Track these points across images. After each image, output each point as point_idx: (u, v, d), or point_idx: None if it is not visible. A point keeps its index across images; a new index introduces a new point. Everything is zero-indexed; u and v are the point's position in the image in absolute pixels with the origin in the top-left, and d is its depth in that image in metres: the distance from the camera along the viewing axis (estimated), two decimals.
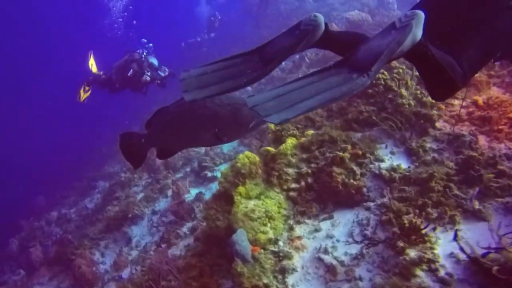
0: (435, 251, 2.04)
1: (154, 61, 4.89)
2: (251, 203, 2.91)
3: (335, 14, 11.42)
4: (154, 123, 2.44)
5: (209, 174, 5.17)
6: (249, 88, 7.00)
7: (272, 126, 3.45)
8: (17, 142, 14.70)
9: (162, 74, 4.94)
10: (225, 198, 3.09)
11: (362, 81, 1.11)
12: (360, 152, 3.04)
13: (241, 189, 2.96)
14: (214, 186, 4.93)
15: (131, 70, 4.69)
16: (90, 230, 5.69)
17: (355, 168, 2.95)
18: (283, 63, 9.81)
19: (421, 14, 1.15)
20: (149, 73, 4.72)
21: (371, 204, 2.72)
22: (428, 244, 2.05)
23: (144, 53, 4.88)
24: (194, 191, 5.01)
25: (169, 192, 5.46)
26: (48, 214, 8.55)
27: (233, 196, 2.96)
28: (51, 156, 12.84)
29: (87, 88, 5.13)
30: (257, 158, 3.15)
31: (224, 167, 5.27)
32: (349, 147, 3.06)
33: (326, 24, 1.27)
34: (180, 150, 2.75)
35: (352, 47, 1.20)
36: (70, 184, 10.27)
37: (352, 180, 2.89)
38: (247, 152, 3.16)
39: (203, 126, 2.11)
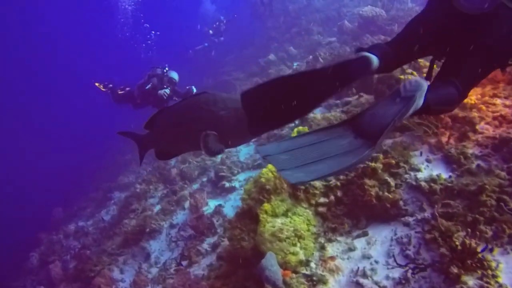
0: (500, 280, 1.79)
1: (175, 75, 4.78)
2: (278, 222, 2.71)
3: (345, 11, 11.12)
4: (155, 124, 2.38)
5: (227, 185, 4.99)
6: None
7: (295, 135, 3.24)
8: (34, 154, 14.90)
9: (180, 90, 4.83)
10: (249, 216, 2.90)
11: (369, 154, 1.18)
12: (393, 161, 2.80)
13: (266, 206, 2.77)
14: (233, 197, 4.75)
15: (150, 84, 4.60)
16: (108, 245, 5.59)
17: (389, 179, 2.72)
18: (294, 65, 9.59)
19: (424, 86, 1.23)
20: (168, 88, 4.61)
21: (410, 219, 2.48)
22: (489, 271, 1.80)
23: (166, 68, 4.79)
24: (212, 203, 4.84)
25: (186, 204, 5.31)
26: (66, 226, 8.56)
27: (258, 214, 2.77)
28: (67, 167, 12.95)
29: (102, 88, 5.20)
30: None
31: (242, 177, 5.11)
32: (380, 156, 2.83)
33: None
34: (180, 153, 2.61)
35: None
36: (87, 196, 10.31)
37: (386, 193, 2.65)
38: (270, 166, 2.97)
39: (204, 129, 2.00)
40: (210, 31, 12.98)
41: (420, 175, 2.66)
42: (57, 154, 14.79)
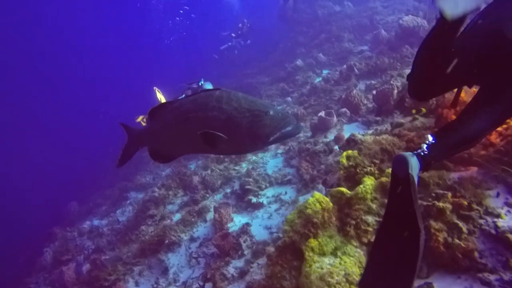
0: None
1: (209, 86, 4.55)
2: (326, 262, 2.36)
3: (378, 19, 10.65)
4: (155, 118, 2.16)
5: (254, 200, 4.66)
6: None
7: (344, 161, 2.88)
8: (50, 147, 14.99)
9: None
10: (291, 251, 2.56)
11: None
12: (465, 202, 2.41)
13: (313, 242, 2.42)
14: (260, 215, 4.42)
15: (183, 96, 4.41)
16: (123, 252, 5.36)
17: (460, 223, 2.32)
18: (324, 72, 9.19)
19: (408, 158, 1.39)
20: None
21: (492, 277, 2.08)
22: None
23: (201, 81, 4.59)
24: (237, 219, 4.52)
25: (208, 216, 5.02)
26: (80, 223, 8.45)
27: (303, 250, 2.43)
28: (83, 163, 12.94)
29: (144, 121, 5.12)
30: (331, 204, 2.60)
31: (270, 192, 4.76)
32: (449, 194, 2.43)
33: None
34: (179, 155, 2.34)
35: None
36: (102, 192, 10.20)
37: (457, 240, 2.26)
38: (317, 195, 2.62)
39: (212, 130, 1.82)
40: (233, 34, 12.76)
41: (501, 222, 2.25)
42: (74, 148, 14.85)
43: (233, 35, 12.64)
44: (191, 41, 18.24)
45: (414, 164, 1.36)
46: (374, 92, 4.94)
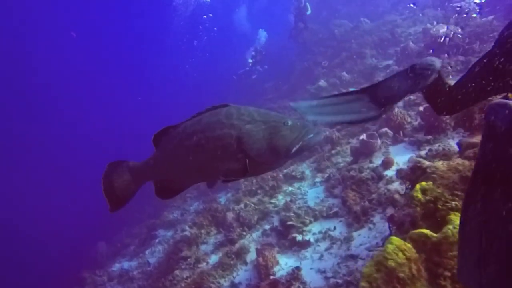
0: None
1: None
2: None
3: (399, 31, 10.33)
4: (158, 147, 1.95)
5: (299, 237, 4.19)
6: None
7: (419, 195, 2.42)
8: (76, 187, 15.09)
9: None
10: None
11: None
12: None
13: None
14: (309, 255, 3.93)
15: None
16: None
17: None
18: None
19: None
20: None
21: None
22: None
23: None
24: (283, 261, 4.04)
25: (249, 257, 4.57)
26: (110, 266, 8.14)
27: None
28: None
29: None
30: (414, 251, 2.13)
31: (316, 228, 4.29)
32: None
33: (440, 71, 1.38)
34: (187, 186, 2.07)
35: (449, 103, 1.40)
36: (129, 230, 9.96)
37: None
38: (396, 240, 2.16)
39: (226, 150, 1.67)
40: (250, 60, 12.77)
41: None
42: (96, 186, 14.87)
43: (250, 61, 12.65)
44: (210, 62, 18.57)
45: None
46: (421, 108, 4.50)
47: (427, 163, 2.81)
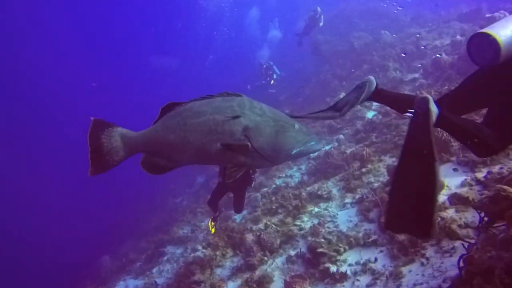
0: None
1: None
2: None
3: (424, 43, 9.90)
4: (159, 121, 1.92)
5: (333, 269, 3.64)
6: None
7: None
8: (81, 198, 14.69)
9: None
10: None
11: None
12: None
13: None
14: None
15: None
16: None
17: None
18: (375, 105, 8.32)
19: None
20: None
21: None
22: None
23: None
24: None
25: (272, 287, 4.02)
26: (113, 284, 7.61)
27: None
28: (115, 214, 12.43)
29: (212, 223, 4.83)
30: None
31: (353, 258, 3.74)
32: None
33: (377, 84, 1.89)
34: (184, 164, 2.00)
35: (396, 102, 1.87)
36: (136, 244, 9.48)
37: None
38: None
39: (232, 136, 1.71)
40: (272, 81, 12.28)
41: None
42: (101, 196, 14.49)
43: (272, 82, 12.22)
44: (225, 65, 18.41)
45: (433, 107, 1.51)
46: None
47: (510, 189, 2.29)
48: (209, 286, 4.63)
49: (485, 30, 1.47)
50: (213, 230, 4.87)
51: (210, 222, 4.79)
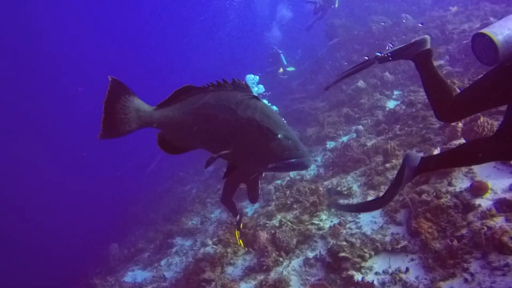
0: None
1: None
2: None
3: (450, 28, 9.19)
4: (178, 102, 1.93)
5: (357, 277, 3.31)
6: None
7: None
8: (92, 187, 14.64)
9: None
10: None
11: (380, 203, 2.00)
12: None
13: None
14: None
15: None
16: None
17: None
18: (395, 93, 7.81)
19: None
20: None
21: None
22: None
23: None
24: None
25: None
26: (122, 274, 7.48)
27: None
28: (124, 203, 12.32)
29: (238, 233, 4.51)
30: None
31: (380, 266, 3.39)
32: None
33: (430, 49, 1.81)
34: (192, 149, 2.01)
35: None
36: (144, 233, 9.33)
37: None
38: None
39: (250, 124, 1.71)
40: (281, 70, 11.82)
41: None
42: (111, 184, 14.40)
43: (281, 70, 11.70)
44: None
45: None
46: None
47: None
48: (220, 286, 4.36)
49: (483, 30, 1.50)
50: (242, 244, 4.56)
51: (236, 233, 4.43)
